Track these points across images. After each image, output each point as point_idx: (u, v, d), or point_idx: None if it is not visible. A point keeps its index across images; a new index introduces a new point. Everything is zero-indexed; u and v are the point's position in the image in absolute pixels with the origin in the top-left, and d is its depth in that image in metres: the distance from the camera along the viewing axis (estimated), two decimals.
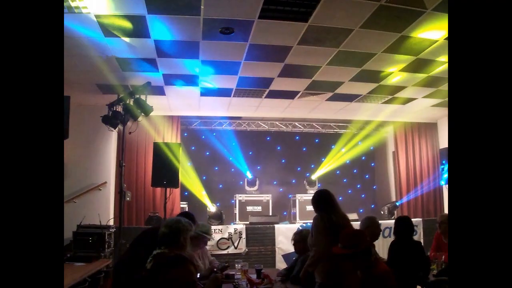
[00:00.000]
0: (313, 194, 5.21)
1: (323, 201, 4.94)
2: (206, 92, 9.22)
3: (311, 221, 9.69)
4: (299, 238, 5.50)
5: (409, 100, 9.99)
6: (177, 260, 2.50)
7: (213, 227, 9.12)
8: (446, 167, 10.55)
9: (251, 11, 5.56)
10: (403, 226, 5.67)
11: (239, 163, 12.39)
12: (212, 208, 10.64)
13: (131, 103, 7.84)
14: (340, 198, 11.36)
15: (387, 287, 3.46)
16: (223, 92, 9.22)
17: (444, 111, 11.23)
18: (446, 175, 10.50)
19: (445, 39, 6.49)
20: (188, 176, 11.54)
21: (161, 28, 6.05)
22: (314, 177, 12.14)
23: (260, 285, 4.57)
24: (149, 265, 3.51)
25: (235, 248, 9.40)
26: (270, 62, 7.41)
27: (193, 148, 12.00)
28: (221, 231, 9.40)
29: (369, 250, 3.67)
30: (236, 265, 5.55)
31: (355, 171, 13.70)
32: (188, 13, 5.58)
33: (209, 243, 8.66)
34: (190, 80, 8.35)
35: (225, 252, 9.25)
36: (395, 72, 7.94)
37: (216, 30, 6.13)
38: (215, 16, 5.71)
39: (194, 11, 5.53)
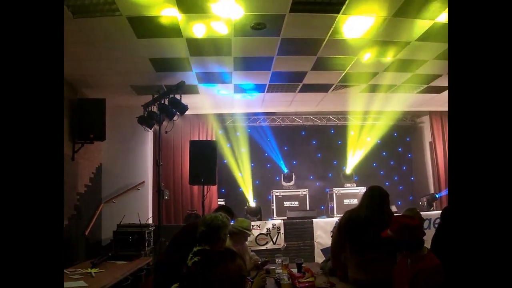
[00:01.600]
0: None
1: (364, 197, 4.90)
2: (239, 89, 9.24)
3: None
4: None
5: (444, 88, 9.80)
6: (227, 255, 2.50)
7: (251, 223, 9.15)
8: None
9: (282, 5, 5.54)
10: (447, 215, 5.56)
11: (275, 159, 12.39)
12: (252, 203, 10.69)
13: (166, 103, 7.93)
14: None
15: (437, 282, 3.39)
16: (256, 88, 9.22)
17: None
18: None
19: None
20: (225, 173, 11.62)
21: (193, 27, 6.09)
22: (349, 170, 12.03)
23: (301, 279, 4.56)
24: (191, 262, 3.53)
25: (274, 243, 9.40)
26: (303, 55, 7.37)
27: (228, 145, 12.04)
28: (259, 227, 9.41)
29: (419, 242, 3.61)
30: (277, 260, 5.55)
31: (392, 163, 13.53)
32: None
33: (248, 239, 8.74)
34: (223, 77, 8.38)
35: (264, 247, 9.26)
36: (429, 60, 7.80)
37: (247, 26, 6.14)
38: (246, 12, 5.72)
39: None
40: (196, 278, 2.43)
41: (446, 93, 10.12)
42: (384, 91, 9.79)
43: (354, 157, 12.50)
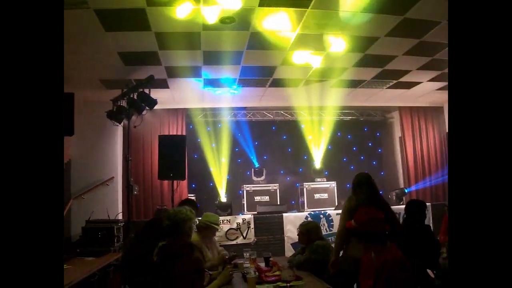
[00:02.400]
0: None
1: (357, 184, 5.28)
2: (209, 83, 9.19)
3: (319, 209, 9.75)
4: (304, 230, 5.50)
5: (414, 84, 9.92)
6: (184, 249, 2.49)
7: (221, 218, 9.13)
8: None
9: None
10: (413, 209, 5.67)
11: (245, 154, 12.38)
12: (223, 198, 10.68)
13: (135, 97, 7.84)
14: (348, 185, 11.35)
15: (400, 273, 3.43)
16: (226, 83, 9.18)
17: None
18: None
19: (447, 20, 6.42)
20: (196, 168, 11.57)
21: (162, 20, 6.02)
22: (320, 165, 12.09)
23: (268, 273, 4.57)
24: (156, 257, 3.51)
25: (244, 238, 9.41)
26: (272, 50, 7.36)
27: (199, 140, 11.97)
28: (229, 222, 9.41)
29: (383, 235, 3.65)
30: (245, 254, 5.55)
31: (362, 157, 13.65)
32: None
33: (218, 234, 8.68)
34: (193, 71, 8.32)
35: (234, 242, 9.26)
36: (398, 56, 7.88)
37: (216, 20, 6.09)
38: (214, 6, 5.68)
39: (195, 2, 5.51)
40: (158, 272, 2.42)
41: (415, 88, 10.25)
42: (354, 86, 9.87)
43: (324, 152, 12.57)
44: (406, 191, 11.37)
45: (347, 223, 4.04)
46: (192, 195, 10.80)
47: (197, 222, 5.41)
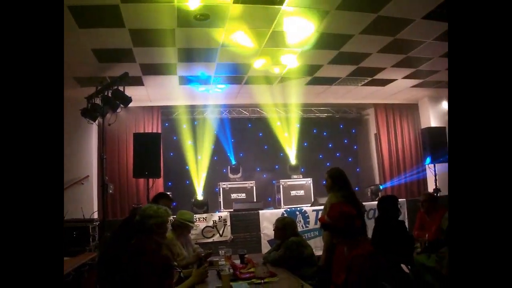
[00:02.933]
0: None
1: (341, 179, 5.51)
2: (185, 81, 9.15)
3: (296, 206, 9.76)
4: (280, 225, 5.50)
5: (389, 81, 10.01)
6: (150, 246, 2.48)
7: (197, 216, 9.10)
8: (426, 146, 10.63)
9: None
10: (387, 204, 5.74)
11: (221, 151, 12.35)
12: (199, 196, 10.64)
13: (110, 94, 7.77)
14: (324, 182, 11.39)
15: (371, 267, 3.48)
16: (202, 80, 9.15)
17: (424, 92, 11.30)
18: (429, 155, 10.56)
19: (422, 18, 6.50)
20: (172, 166, 11.52)
21: (136, 17, 5.97)
22: (296, 162, 12.13)
23: (243, 270, 4.57)
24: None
25: (221, 235, 9.38)
26: (248, 47, 7.35)
27: (175, 138, 11.91)
28: (205, 220, 9.37)
29: (355, 230, 3.69)
30: (220, 252, 5.55)
31: (338, 154, 13.73)
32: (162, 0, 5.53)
33: (194, 231, 8.68)
34: (168, 69, 8.27)
35: (210, 240, 9.23)
36: (373, 53, 7.94)
37: (191, 17, 6.07)
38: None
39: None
40: (125, 269, 2.40)
41: (390, 85, 10.34)
42: (329, 84, 9.92)
43: (300, 149, 12.61)
44: (381, 187, 11.47)
45: (320, 217, 4.09)
46: (169, 193, 10.72)
47: (172, 220, 5.39)
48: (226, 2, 5.67)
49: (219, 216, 9.46)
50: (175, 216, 5.59)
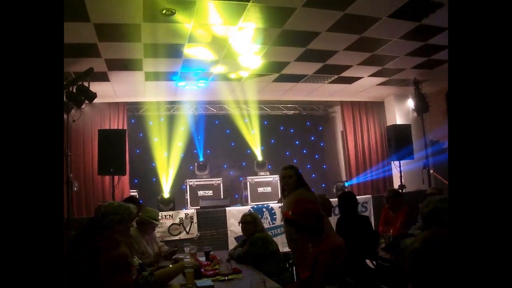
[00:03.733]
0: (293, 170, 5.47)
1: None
2: (151, 77, 9.04)
3: (263, 203, 9.76)
4: (251, 219, 5.47)
5: (355, 79, 10.09)
6: (111, 242, 2.43)
7: (163, 213, 9.03)
8: (391, 143, 10.77)
9: None
10: (345, 201, 5.81)
11: (188, 148, 12.28)
12: (166, 193, 10.56)
13: (74, 90, 7.63)
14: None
15: (335, 261, 3.51)
16: (168, 76, 9.06)
17: (390, 90, 11.44)
18: (394, 152, 10.71)
19: (388, 17, 6.56)
20: (138, 163, 11.41)
21: (101, 11, 5.87)
22: (263, 159, 12.15)
23: (208, 267, 4.55)
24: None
25: (187, 233, 9.32)
26: (214, 43, 7.31)
27: (141, 134, 11.80)
28: (172, 217, 9.30)
29: (319, 227, 3.71)
30: (185, 249, 5.50)
31: (304, 151, 13.82)
32: None
33: (160, 229, 8.63)
34: (133, 64, 8.16)
35: (177, 237, 9.16)
36: (339, 51, 7.99)
37: (158, 12, 5.99)
38: None
39: None
40: (82, 267, 2.36)
41: (356, 83, 10.43)
42: (296, 81, 9.95)
43: (267, 146, 12.65)
44: (346, 184, 11.59)
45: (284, 212, 4.11)
46: (135, 190, 10.64)
47: (137, 218, 5.33)
48: None
49: (185, 214, 9.40)
50: (140, 214, 5.54)
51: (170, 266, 4.32)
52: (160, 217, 6.85)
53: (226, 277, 3.98)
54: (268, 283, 3.78)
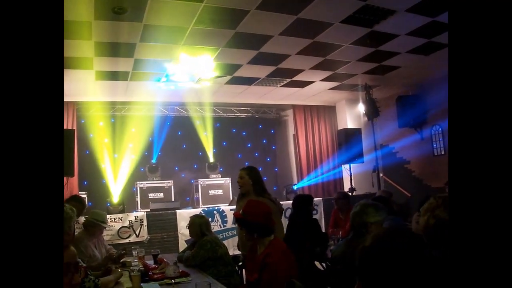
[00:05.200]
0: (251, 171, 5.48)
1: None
2: (102, 76, 8.86)
3: (214, 205, 9.71)
4: (197, 221, 5.40)
5: (307, 83, 10.18)
6: None
7: (113, 216, 8.86)
8: (342, 147, 10.93)
9: None
10: (299, 203, 5.86)
11: (139, 150, 12.10)
12: (115, 195, 10.35)
13: None
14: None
15: (283, 264, 3.52)
16: (120, 76, 8.90)
17: (341, 95, 11.60)
18: (344, 156, 10.87)
19: (340, 22, 6.65)
20: (88, 165, 11.16)
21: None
22: (215, 161, 12.11)
23: (155, 270, 4.49)
24: None
25: (137, 236, 9.16)
26: (167, 44, 7.23)
27: (91, 135, 11.54)
28: (121, 220, 9.12)
29: (269, 228, 3.73)
30: (133, 252, 5.41)
31: (256, 154, 13.85)
32: None
33: (109, 232, 8.46)
34: (83, 63, 7.96)
35: (127, 240, 8.99)
36: (292, 55, 8.05)
37: (109, 10, 5.88)
38: None
39: None
40: None
41: (308, 87, 10.53)
42: (249, 84, 9.96)
43: (219, 148, 12.62)
44: (294, 187, 11.71)
45: (235, 212, 4.13)
46: (84, 192, 10.38)
47: (83, 220, 5.22)
48: None
49: (135, 216, 9.24)
50: (87, 216, 5.42)
51: (118, 270, 4.26)
52: (108, 220, 6.71)
53: (173, 281, 3.94)
54: (215, 286, 3.76)
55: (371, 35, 7.25)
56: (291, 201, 6.58)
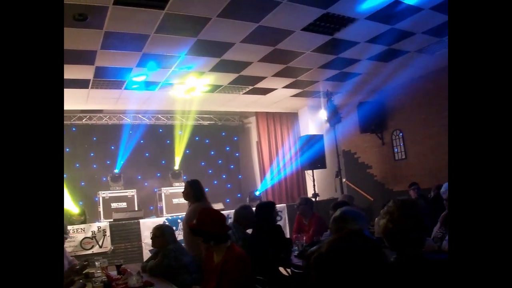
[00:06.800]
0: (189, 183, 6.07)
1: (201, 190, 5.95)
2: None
3: (178, 214, 9.65)
4: (159, 233, 5.33)
5: (270, 90, 10.23)
6: None
7: (75, 227, 8.69)
8: (305, 153, 11.02)
9: None
10: (260, 209, 5.89)
11: (101, 159, 11.93)
12: (74, 209, 10.13)
13: None
14: (207, 189, 11.34)
15: (241, 269, 3.55)
16: (80, 83, 8.73)
17: (304, 101, 11.71)
18: (307, 162, 10.96)
19: (301, 30, 6.72)
20: None
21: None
22: (178, 169, 12.04)
23: (119, 281, 4.42)
24: None
25: (100, 247, 9.01)
26: (128, 51, 7.16)
27: None
28: (84, 230, 8.95)
29: (224, 235, 3.76)
30: (96, 263, 5.32)
31: (219, 161, 13.84)
32: None
33: (72, 243, 8.30)
34: None
35: (90, 251, 8.82)
36: (254, 62, 8.08)
37: (69, 17, 5.78)
38: (67, 1, 5.37)
39: None
40: None
41: (271, 94, 10.58)
42: (211, 91, 9.93)
43: (182, 157, 12.55)
44: (257, 192, 11.76)
45: (189, 223, 4.15)
46: None
47: None
48: (106, 4, 5.47)
49: (98, 227, 9.09)
50: None
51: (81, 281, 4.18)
52: (70, 231, 6.58)
53: None
54: None
55: (332, 42, 7.34)
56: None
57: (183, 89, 9.57)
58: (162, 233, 5.25)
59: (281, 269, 5.52)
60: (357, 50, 7.88)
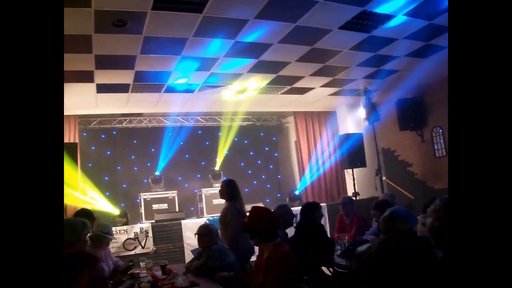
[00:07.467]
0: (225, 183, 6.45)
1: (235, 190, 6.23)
2: (102, 88, 8.88)
3: (219, 214, 9.72)
4: (206, 231, 5.40)
5: (307, 89, 10.21)
6: (88, 258, 2.40)
7: (118, 228, 8.85)
8: (344, 152, 10.95)
9: (144, 2, 5.39)
10: (307, 210, 5.88)
11: (142, 161, 12.12)
12: (115, 211, 10.32)
13: None
14: (246, 190, 11.45)
15: (286, 265, 3.59)
16: (120, 88, 8.92)
17: (341, 100, 11.63)
18: (347, 161, 10.89)
19: (338, 28, 6.69)
20: (90, 177, 11.17)
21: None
22: (218, 170, 12.13)
23: (164, 281, 4.49)
24: None
25: (143, 247, 9.15)
26: (167, 55, 7.26)
27: (93, 148, 11.57)
28: (126, 232, 9.12)
29: (273, 232, 3.79)
30: (141, 264, 5.42)
31: (259, 162, 13.87)
32: (78, 5, 5.33)
33: (115, 244, 8.45)
34: (84, 76, 7.99)
35: (132, 252, 8.98)
36: (291, 62, 8.08)
37: (108, 23, 5.90)
38: (107, 8, 5.49)
39: (84, 3, 5.29)
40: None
41: (308, 94, 10.55)
42: (250, 92, 9.97)
43: (222, 158, 12.63)
44: (296, 192, 11.74)
45: (242, 220, 4.24)
46: (87, 205, 10.39)
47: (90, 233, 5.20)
48: (145, 9, 5.56)
49: (140, 228, 9.24)
50: (92, 229, 5.42)
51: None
52: (113, 232, 6.69)
53: None
54: None
55: (369, 40, 7.28)
56: (297, 208, 6.60)
57: (223, 90, 9.64)
58: (209, 232, 5.32)
59: (324, 268, 5.52)
60: (394, 47, 7.78)
